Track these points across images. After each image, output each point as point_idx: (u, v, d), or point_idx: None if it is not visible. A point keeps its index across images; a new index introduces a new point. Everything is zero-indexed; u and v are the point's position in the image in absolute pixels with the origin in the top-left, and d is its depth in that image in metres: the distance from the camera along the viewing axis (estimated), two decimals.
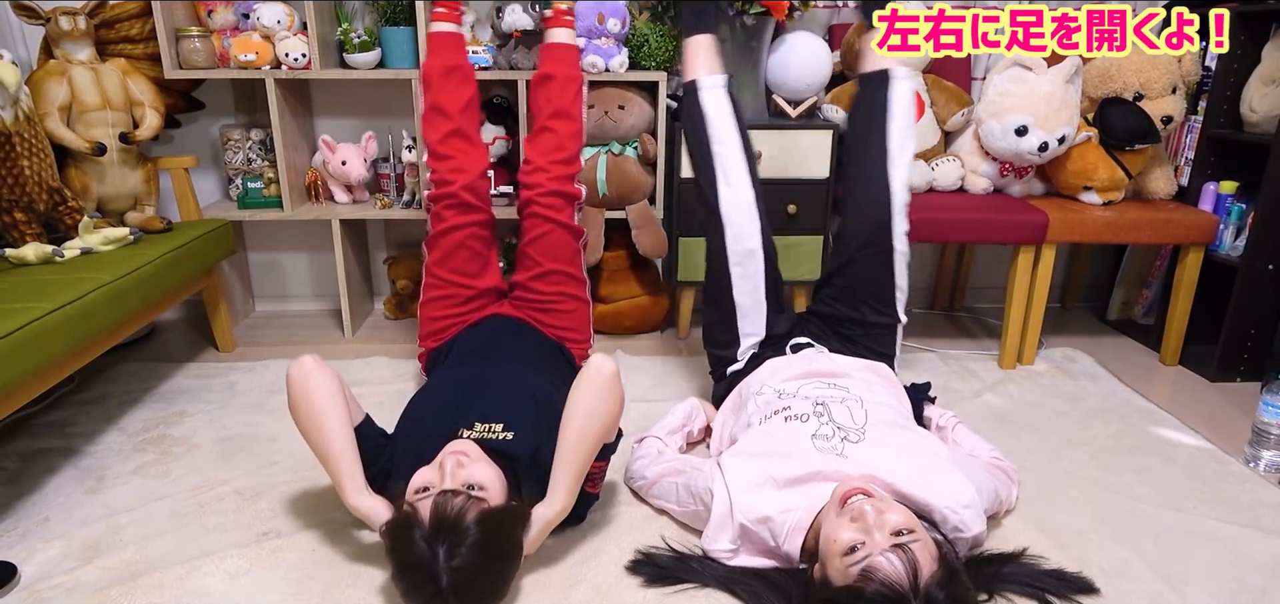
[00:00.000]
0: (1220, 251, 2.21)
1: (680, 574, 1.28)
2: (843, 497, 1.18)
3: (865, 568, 1.06)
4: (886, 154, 1.72)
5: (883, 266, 1.71)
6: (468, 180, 1.81)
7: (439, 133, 1.83)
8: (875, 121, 1.75)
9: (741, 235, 1.70)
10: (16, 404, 1.45)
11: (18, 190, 1.80)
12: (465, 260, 1.84)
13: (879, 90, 1.77)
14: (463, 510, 1.14)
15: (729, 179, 1.71)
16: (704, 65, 1.78)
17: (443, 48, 1.90)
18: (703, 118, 1.73)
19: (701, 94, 1.75)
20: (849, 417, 1.38)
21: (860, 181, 1.75)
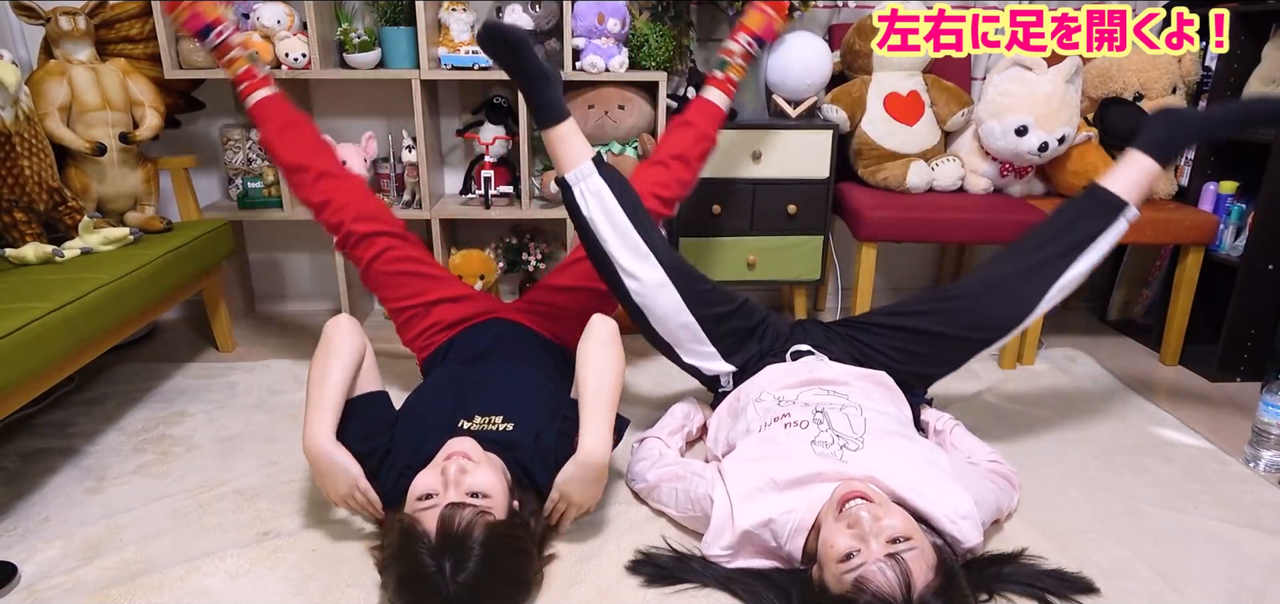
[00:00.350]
0: (1220, 252, 2.21)
1: (680, 574, 1.28)
2: (842, 499, 1.17)
3: (858, 578, 1.06)
4: (1057, 277, 1.58)
5: (965, 355, 1.63)
6: (355, 208, 1.78)
7: (306, 186, 1.79)
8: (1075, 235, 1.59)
9: (666, 315, 1.57)
10: (16, 404, 1.45)
11: (18, 190, 1.80)
12: (402, 284, 1.81)
13: (1104, 214, 1.60)
14: (470, 525, 1.12)
15: (631, 272, 1.54)
16: (569, 155, 1.56)
17: (269, 114, 1.84)
18: (585, 217, 1.54)
19: (574, 193, 1.55)
20: (848, 425, 1.38)
21: (1017, 275, 1.60)
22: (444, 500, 1.18)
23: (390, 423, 1.45)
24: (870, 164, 2.28)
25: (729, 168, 2.20)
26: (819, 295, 2.73)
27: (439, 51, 2.23)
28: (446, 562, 1.09)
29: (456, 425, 1.43)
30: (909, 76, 2.28)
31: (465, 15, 2.22)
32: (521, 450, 1.38)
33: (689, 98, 2.18)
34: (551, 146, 1.57)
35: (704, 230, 2.26)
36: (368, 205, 1.81)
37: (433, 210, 2.31)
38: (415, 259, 1.82)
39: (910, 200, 2.19)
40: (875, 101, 2.26)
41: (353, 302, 2.42)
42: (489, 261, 2.36)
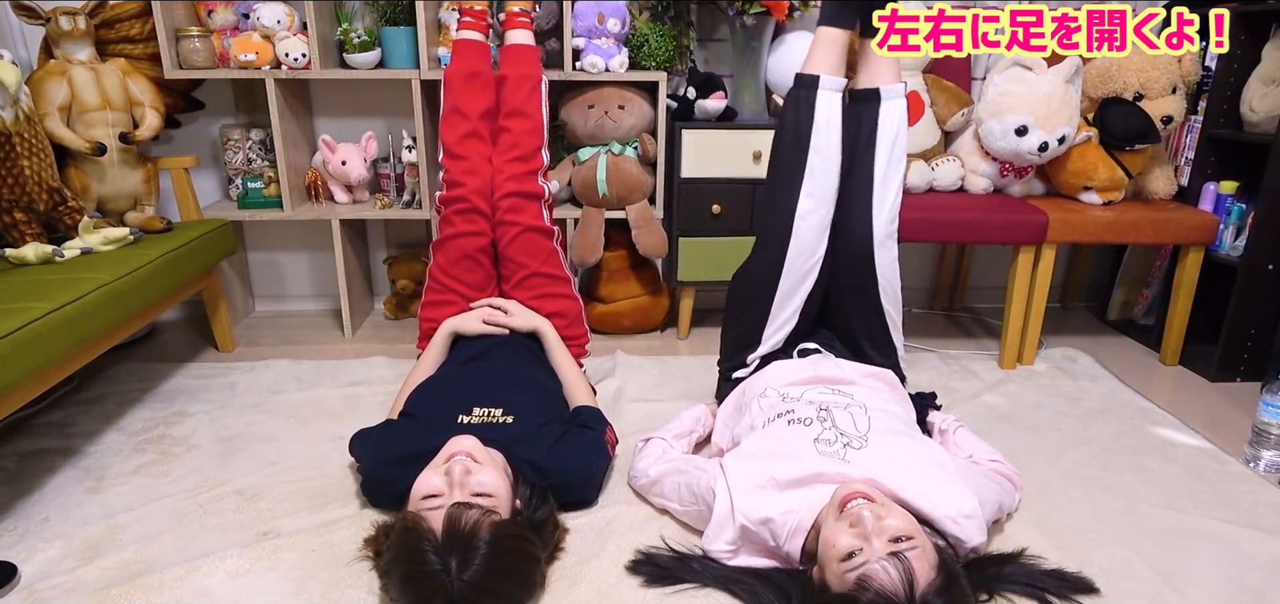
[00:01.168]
0: (1220, 252, 2.21)
1: (680, 574, 1.28)
2: (842, 500, 1.17)
3: (861, 576, 1.06)
4: (870, 185, 1.62)
5: (868, 305, 1.66)
6: (480, 184, 1.83)
7: (457, 133, 1.86)
8: (861, 147, 1.64)
9: (804, 252, 1.61)
10: (16, 404, 1.45)
11: (18, 190, 1.80)
12: (468, 269, 1.87)
13: (867, 112, 1.65)
14: (476, 524, 1.13)
15: (814, 192, 1.57)
16: (829, 62, 1.60)
17: (467, 54, 1.93)
18: (811, 119, 1.56)
19: (819, 94, 1.56)
20: (852, 423, 1.38)
21: (843, 213, 1.65)
22: (449, 500, 1.18)
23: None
24: None
25: (729, 168, 2.20)
26: None
27: (439, 51, 2.23)
28: (452, 560, 1.09)
29: (457, 420, 1.44)
30: (909, 76, 2.27)
31: None
32: (522, 443, 1.39)
33: (689, 97, 2.18)
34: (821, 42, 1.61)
35: (704, 230, 2.26)
36: (492, 189, 1.86)
37: (433, 210, 2.31)
38: (491, 256, 1.89)
39: (910, 200, 2.18)
40: None
41: (353, 302, 2.42)
42: None
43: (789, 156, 1.60)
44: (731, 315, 1.75)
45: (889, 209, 1.62)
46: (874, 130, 1.62)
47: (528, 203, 1.85)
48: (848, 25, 1.63)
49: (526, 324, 1.80)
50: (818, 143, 1.58)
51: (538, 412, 1.51)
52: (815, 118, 1.57)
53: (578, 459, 1.47)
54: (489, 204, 1.86)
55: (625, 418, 1.85)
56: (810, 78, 1.59)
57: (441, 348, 1.77)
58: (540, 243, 1.89)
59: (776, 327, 1.67)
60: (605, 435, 1.56)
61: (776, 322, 1.67)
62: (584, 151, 2.27)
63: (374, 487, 1.46)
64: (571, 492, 1.46)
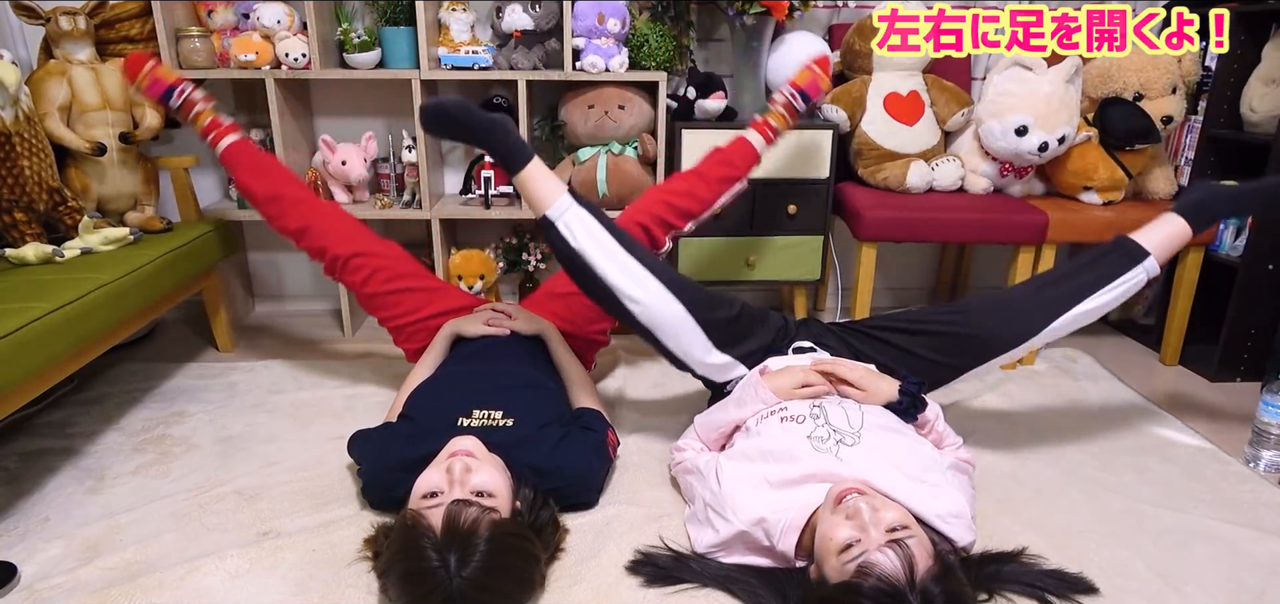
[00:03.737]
0: (1220, 252, 2.21)
1: (679, 574, 1.28)
2: (838, 495, 1.18)
3: (862, 564, 1.07)
4: (1067, 309, 1.56)
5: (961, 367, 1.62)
6: (336, 234, 1.80)
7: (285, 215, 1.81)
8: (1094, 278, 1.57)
9: (671, 327, 1.53)
10: (16, 404, 1.45)
11: (18, 190, 1.80)
12: (397, 301, 1.82)
13: (1126, 260, 1.58)
14: (476, 522, 1.13)
15: (632, 296, 1.49)
16: (545, 193, 1.50)
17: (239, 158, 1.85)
18: (575, 250, 1.49)
19: (558, 227, 1.49)
20: (845, 419, 1.38)
21: (1030, 299, 1.60)
22: (449, 498, 1.18)
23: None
24: (870, 164, 2.28)
25: None
26: (819, 295, 2.73)
27: (439, 51, 2.23)
28: (451, 557, 1.09)
29: (456, 423, 1.44)
30: (909, 76, 2.28)
31: (465, 15, 2.22)
32: (522, 446, 1.39)
33: (689, 97, 2.18)
34: (525, 189, 1.52)
35: (704, 230, 2.25)
36: (348, 228, 1.82)
37: (433, 210, 2.31)
38: (406, 274, 1.83)
39: (910, 200, 2.19)
40: (875, 101, 2.26)
41: (353, 302, 2.42)
42: (489, 262, 2.36)
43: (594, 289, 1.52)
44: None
45: (1056, 336, 1.59)
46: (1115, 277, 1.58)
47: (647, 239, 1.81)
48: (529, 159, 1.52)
49: (530, 327, 1.80)
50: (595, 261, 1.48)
51: (538, 414, 1.50)
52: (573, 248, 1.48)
53: (578, 461, 1.47)
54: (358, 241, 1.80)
55: (625, 418, 1.85)
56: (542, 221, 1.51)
57: (442, 349, 1.76)
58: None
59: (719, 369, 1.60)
60: (607, 437, 1.55)
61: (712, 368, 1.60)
62: (584, 151, 2.27)
63: (374, 491, 1.46)
64: (572, 494, 1.46)
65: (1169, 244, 1.63)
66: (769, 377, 1.52)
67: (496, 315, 1.80)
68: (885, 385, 1.50)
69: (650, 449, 1.72)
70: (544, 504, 1.33)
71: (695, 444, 1.58)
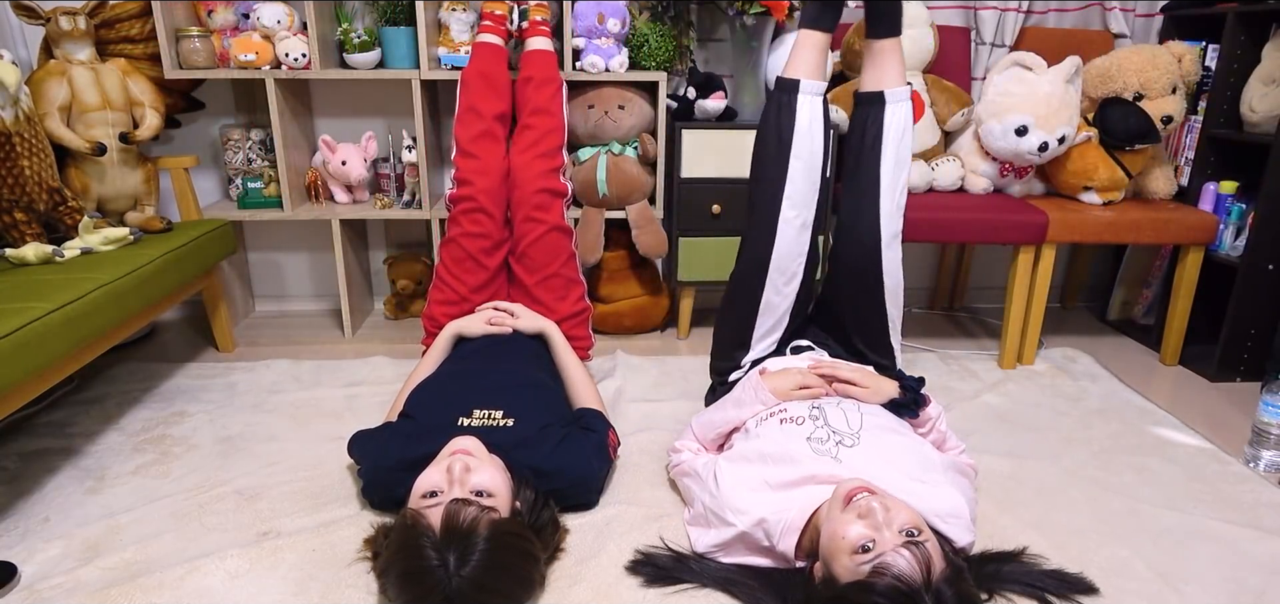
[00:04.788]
0: (1220, 252, 2.21)
1: (679, 574, 1.28)
2: (848, 494, 1.17)
3: (878, 565, 1.06)
4: (877, 185, 1.61)
5: (871, 305, 1.65)
6: (489, 184, 1.85)
7: (471, 132, 1.89)
8: (867, 149, 1.63)
9: (788, 256, 1.60)
10: (16, 404, 1.45)
11: (18, 190, 1.80)
12: (470, 271, 1.88)
13: (873, 114, 1.63)
14: (475, 521, 1.12)
15: (795, 199, 1.56)
16: (811, 66, 1.58)
17: (485, 57, 1.96)
18: (793, 124, 1.55)
19: (799, 98, 1.55)
20: (844, 420, 1.38)
21: (849, 214, 1.65)
22: (448, 497, 1.18)
23: None
24: None
25: (729, 168, 2.20)
26: None
27: (439, 51, 2.23)
28: (450, 555, 1.09)
29: (457, 423, 1.44)
30: (910, 77, 2.27)
31: (465, 15, 2.22)
32: (523, 447, 1.39)
33: (689, 97, 2.18)
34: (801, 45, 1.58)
35: (704, 230, 2.26)
36: (501, 191, 1.88)
37: (433, 210, 2.31)
38: (497, 260, 1.90)
39: (910, 200, 2.17)
40: None
41: (353, 302, 2.42)
42: None
43: (771, 161, 1.59)
44: (722, 315, 1.75)
45: (895, 210, 1.62)
46: (880, 133, 1.62)
47: (553, 200, 1.88)
48: (828, 28, 1.62)
49: (532, 326, 1.80)
50: (799, 148, 1.56)
51: (539, 414, 1.50)
52: (797, 122, 1.56)
53: (579, 462, 1.47)
54: (497, 206, 1.88)
55: (625, 418, 1.85)
56: (791, 82, 1.57)
57: (443, 349, 1.77)
58: (562, 243, 1.91)
59: (766, 329, 1.66)
60: (608, 438, 1.55)
61: (766, 323, 1.66)
62: (584, 151, 2.27)
63: (375, 491, 1.46)
64: (572, 495, 1.46)
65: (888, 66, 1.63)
66: (768, 377, 1.52)
67: (498, 314, 1.80)
68: (886, 385, 1.50)
69: (650, 449, 1.71)
70: (544, 505, 1.33)
71: (692, 445, 1.58)
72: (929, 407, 1.51)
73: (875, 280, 1.62)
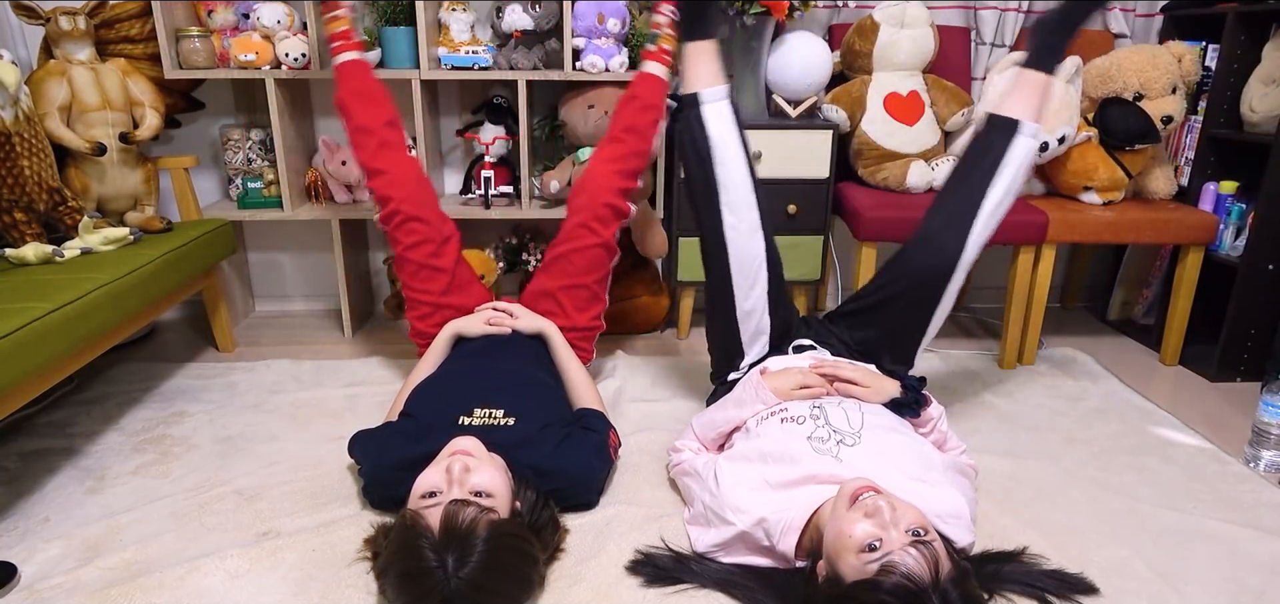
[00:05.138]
0: (1220, 252, 2.21)
1: (679, 575, 1.28)
2: (854, 494, 1.17)
3: (886, 563, 1.06)
4: (977, 208, 1.57)
5: (919, 316, 1.62)
6: (407, 190, 1.81)
7: (368, 150, 1.84)
8: (982, 168, 1.59)
9: (746, 262, 1.60)
10: (16, 404, 1.45)
11: (18, 190, 1.80)
12: (428, 279, 1.84)
13: (1002, 138, 1.59)
14: (474, 522, 1.12)
15: (733, 206, 1.57)
16: (705, 75, 1.60)
17: (349, 77, 1.89)
18: (706, 138, 1.56)
19: (703, 110, 1.57)
20: (845, 420, 1.38)
21: (938, 223, 1.61)
22: (447, 498, 1.18)
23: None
24: (870, 164, 2.28)
25: None
26: (819, 295, 2.73)
27: (439, 51, 2.23)
28: (449, 556, 1.09)
29: (457, 422, 1.44)
30: (909, 76, 2.28)
31: (465, 15, 2.22)
32: (524, 447, 1.39)
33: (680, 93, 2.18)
34: (690, 60, 1.58)
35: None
36: (420, 191, 1.84)
37: None
38: (449, 256, 1.86)
39: (910, 200, 2.19)
40: (875, 101, 2.26)
41: (352, 302, 2.42)
42: (489, 262, 2.36)
43: (699, 180, 1.60)
44: (708, 331, 1.76)
45: (983, 240, 1.59)
46: (1001, 159, 1.58)
47: (614, 219, 1.84)
48: (709, 35, 1.61)
49: (532, 326, 1.80)
50: (719, 155, 1.56)
51: (540, 414, 1.51)
52: (709, 134, 1.56)
53: (579, 462, 1.47)
54: (422, 207, 1.82)
55: (625, 418, 1.85)
56: (690, 97, 1.59)
57: (443, 349, 1.76)
58: (603, 260, 1.88)
59: (750, 334, 1.66)
60: (608, 439, 1.56)
61: (748, 329, 1.65)
62: (584, 152, 2.27)
63: (376, 489, 1.46)
64: (573, 495, 1.46)
65: (1032, 98, 1.61)
66: (769, 377, 1.52)
67: (498, 314, 1.80)
68: (887, 384, 1.50)
69: (650, 449, 1.72)
70: (545, 505, 1.33)
71: (692, 445, 1.58)
72: (930, 407, 1.51)
73: (935, 297, 1.60)
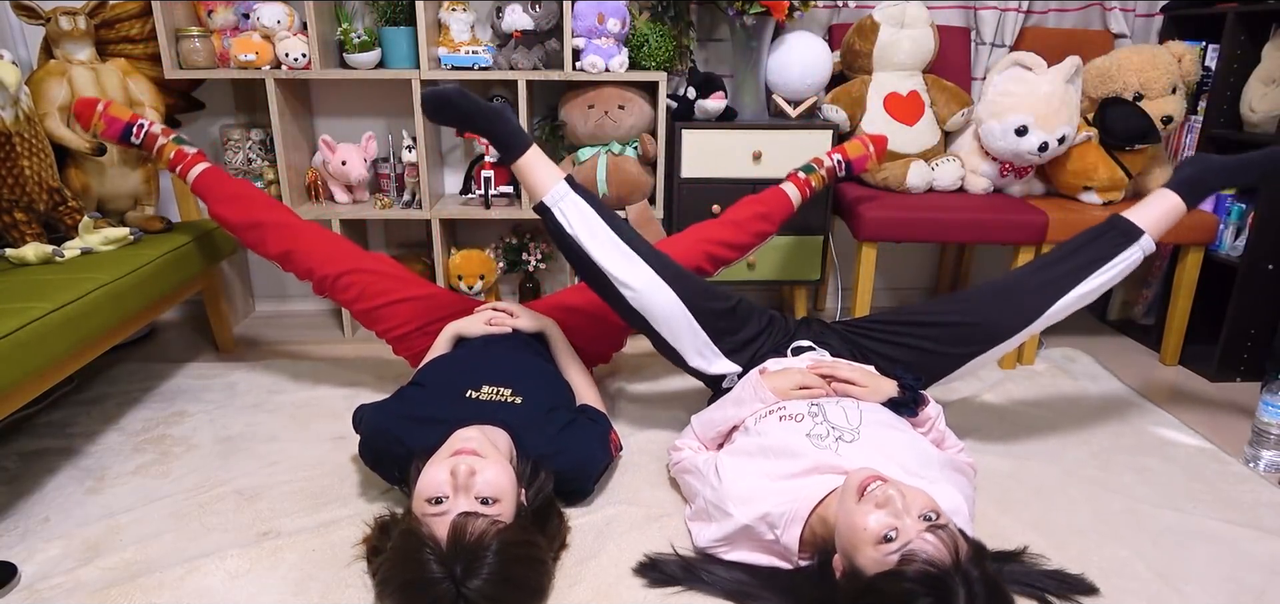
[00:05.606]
0: (1220, 252, 2.21)
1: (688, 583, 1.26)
2: (861, 486, 1.16)
3: (906, 552, 1.05)
4: (1066, 291, 1.58)
5: (963, 354, 1.62)
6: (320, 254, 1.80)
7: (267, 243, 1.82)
8: (1092, 255, 1.60)
9: (666, 314, 1.56)
10: (16, 404, 1.45)
11: (18, 190, 1.80)
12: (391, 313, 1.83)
13: (1123, 240, 1.61)
14: (483, 534, 1.11)
15: (624, 281, 1.53)
16: (541, 180, 1.54)
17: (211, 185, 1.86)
18: (572, 234, 1.53)
19: (554, 213, 1.53)
20: (844, 416, 1.38)
21: (1033, 282, 1.61)
22: (455, 508, 1.16)
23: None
24: None
25: (729, 168, 2.20)
26: (819, 295, 2.73)
27: (439, 51, 2.23)
28: (457, 568, 1.07)
29: (465, 394, 1.44)
30: (909, 77, 2.28)
31: (465, 15, 2.22)
32: (528, 428, 1.41)
33: (689, 97, 2.18)
34: (523, 175, 1.56)
35: None
36: (332, 247, 1.82)
37: (433, 210, 2.31)
38: (397, 286, 1.82)
39: (910, 200, 2.19)
40: (875, 101, 2.26)
41: None
42: (489, 262, 2.36)
43: (589, 273, 1.57)
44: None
45: (1054, 319, 1.60)
46: (1111, 258, 1.60)
47: None
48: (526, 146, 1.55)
49: (532, 325, 1.80)
50: (589, 245, 1.53)
51: (545, 396, 1.52)
52: (571, 230, 1.53)
53: (582, 446, 1.48)
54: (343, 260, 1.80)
55: (625, 418, 1.86)
56: (539, 207, 1.55)
57: (443, 350, 1.76)
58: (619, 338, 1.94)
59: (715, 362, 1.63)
60: (610, 435, 1.56)
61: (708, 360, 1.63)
62: (584, 152, 2.27)
63: (376, 440, 1.43)
64: (572, 478, 1.45)
65: (1163, 220, 1.64)
66: (768, 377, 1.52)
67: (498, 315, 1.80)
68: (884, 384, 1.51)
69: (650, 449, 1.72)
70: (545, 479, 1.33)
71: (693, 444, 1.58)
72: (928, 406, 1.51)
73: (989, 346, 1.62)
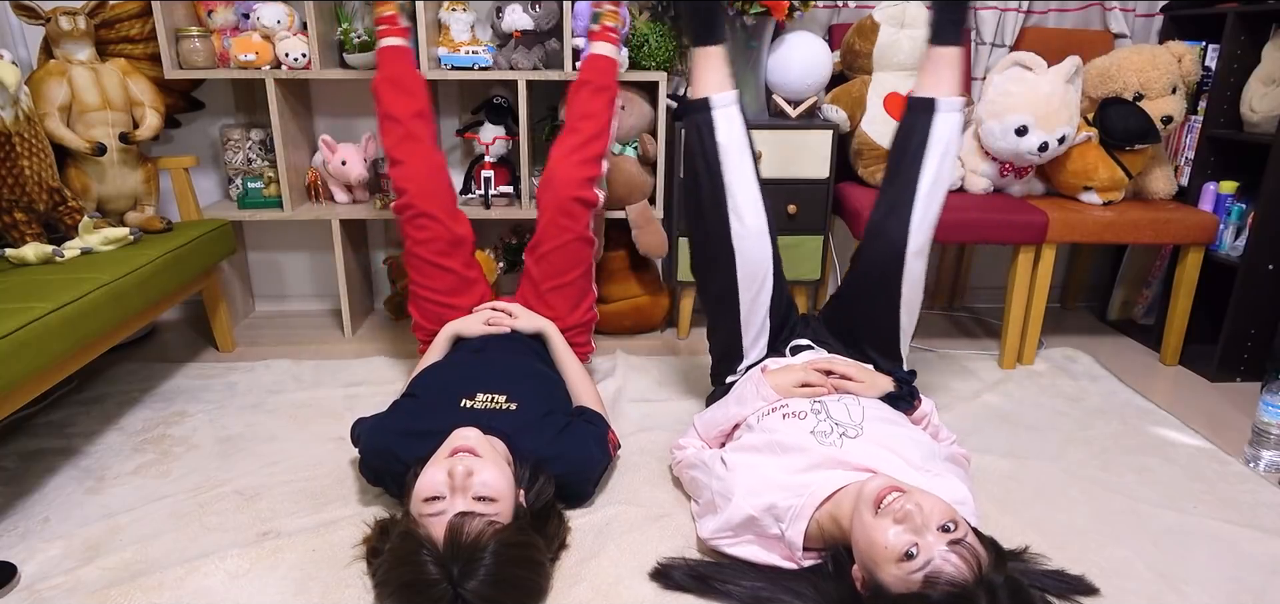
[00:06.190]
0: (1220, 252, 2.21)
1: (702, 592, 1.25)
2: (877, 498, 1.14)
3: (929, 573, 1.04)
4: (913, 196, 1.56)
5: (886, 310, 1.62)
6: (421, 186, 1.82)
7: (392, 138, 1.86)
8: (910, 153, 1.59)
9: (754, 267, 1.59)
10: (16, 404, 1.45)
11: (18, 190, 1.80)
12: (433, 276, 1.85)
13: (923, 120, 1.59)
14: (480, 534, 1.11)
15: (741, 212, 1.56)
16: (715, 80, 1.59)
17: (388, 61, 1.93)
18: (715, 144, 1.55)
19: (715, 115, 1.55)
20: (846, 413, 1.39)
21: (881, 217, 1.61)
22: (452, 508, 1.16)
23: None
24: (870, 164, 2.28)
25: None
26: (819, 295, 2.72)
27: (439, 51, 2.23)
28: (454, 569, 1.07)
29: (460, 403, 1.44)
30: (909, 76, 2.27)
31: (465, 15, 2.22)
32: (525, 433, 1.40)
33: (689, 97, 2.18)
34: (700, 64, 1.58)
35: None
36: (438, 187, 1.85)
37: None
38: (459, 260, 1.86)
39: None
40: (875, 101, 2.26)
41: (353, 302, 2.42)
42: (489, 262, 2.36)
43: (706, 186, 1.59)
44: (711, 334, 1.76)
45: (928, 222, 1.58)
46: (925, 141, 1.57)
47: (583, 210, 1.83)
48: (718, 40, 1.59)
49: (531, 326, 1.80)
50: (729, 162, 1.56)
51: (541, 401, 1.51)
52: (718, 139, 1.56)
53: (580, 449, 1.48)
54: (437, 205, 1.83)
55: (625, 418, 1.85)
56: (700, 101, 1.57)
57: (442, 349, 1.76)
58: (583, 253, 1.87)
59: (753, 336, 1.66)
60: (608, 436, 1.56)
61: (751, 331, 1.66)
62: None
63: (374, 459, 1.44)
64: (571, 482, 1.45)
65: (944, 74, 1.60)
66: (769, 375, 1.53)
67: (497, 315, 1.80)
68: (881, 380, 1.51)
69: (650, 449, 1.72)
70: (545, 482, 1.33)
71: (696, 442, 1.59)
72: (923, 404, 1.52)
73: (894, 287, 1.60)
